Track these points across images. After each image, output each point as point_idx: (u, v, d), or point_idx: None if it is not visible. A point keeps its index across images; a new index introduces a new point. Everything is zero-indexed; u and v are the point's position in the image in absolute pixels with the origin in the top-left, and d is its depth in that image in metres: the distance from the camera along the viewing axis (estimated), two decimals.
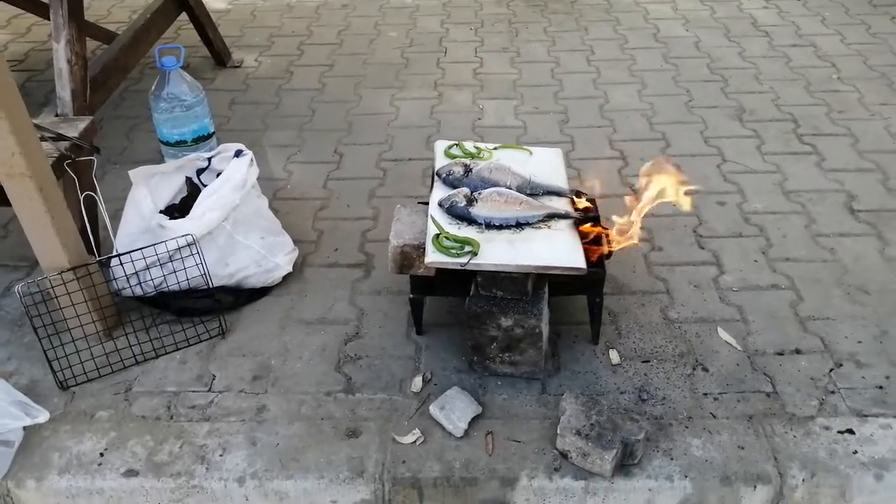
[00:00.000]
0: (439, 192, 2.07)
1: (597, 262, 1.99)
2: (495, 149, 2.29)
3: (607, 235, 2.05)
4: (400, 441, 1.88)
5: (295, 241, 2.57)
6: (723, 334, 2.15)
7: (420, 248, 1.90)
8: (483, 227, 1.93)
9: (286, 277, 2.40)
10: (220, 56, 3.82)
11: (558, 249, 1.86)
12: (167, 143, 2.92)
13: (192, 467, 1.85)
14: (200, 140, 2.93)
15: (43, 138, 2.07)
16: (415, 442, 1.88)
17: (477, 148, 2.27)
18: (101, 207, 2.09)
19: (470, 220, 1.94)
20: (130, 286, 2.22)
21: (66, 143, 2.08)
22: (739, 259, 2.45)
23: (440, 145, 2.29)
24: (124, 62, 2.84)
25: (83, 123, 2.17)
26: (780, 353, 2.09)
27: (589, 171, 2.92)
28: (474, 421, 1.92)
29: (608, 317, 2.23)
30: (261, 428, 1.94)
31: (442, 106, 3.44)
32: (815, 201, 2.72)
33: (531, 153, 2.28)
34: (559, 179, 2.14)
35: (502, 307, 1.89)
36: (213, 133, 3.01)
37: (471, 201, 1.95)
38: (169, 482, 1.83)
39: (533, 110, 3.39)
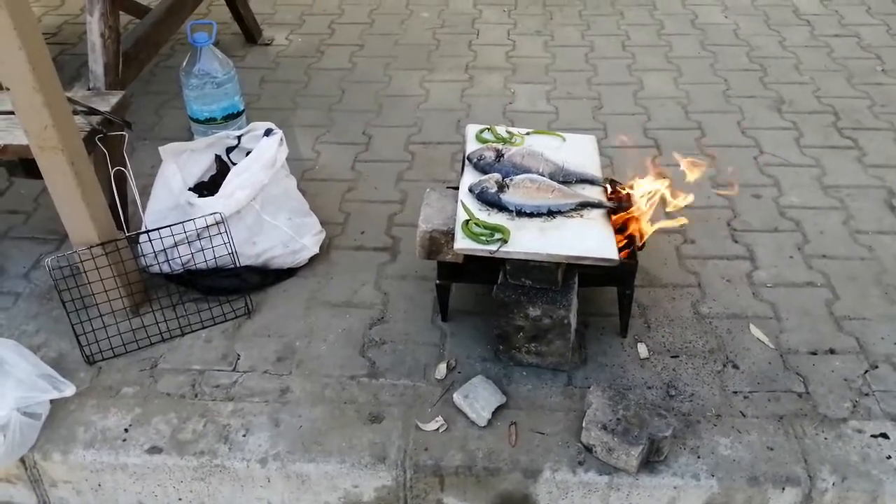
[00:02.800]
0: (470, 177, 2.03)
1: (629, 253, 1.95)
2: (528, 134, 2.25)
3: (639, 226, 2.01)
4: (423, 428, 1.87)
5: (324, 223, 2.55)
6: (755, 331, 2.10)
7: (449, 234, 1.88)
8: (514, 214, 1.90)
9: (312, 259, 2.39)
10: (250, 33, 3.80)
11: (590, 239, 1.82)
12: (197, 120, 2.92)
13: (216, 446, 1.86)
14: (230, 118, 2.93)
15: (75, 112, 2.07)
16: (438, 429, 1.87)
17: (509, 133, 2.23)
18: (132, 183, 2.09)
19: (500, 207, 1.91)
20: (158, 263, 2.22)
21: (97, 118, 2.08)
22: (774, 254, 2.39)
23: (471, 129, 2.26)
24: (156, 37, 2.83)
25: (115, 98, 2.17)
26: (814, 353, 2.04)
27: (621, 161, 2.86)
28: (498, 411, 1.90)
29: (637, 309, 2.19)
30: (284, 409, 1.94)
31: (473, 89, 3.39)
32: (854, 197, 2.64)
33: (564, 139, 2.23)
34: (592, 167, 2.09)
35: (531, 297, 1.86)
36: (243, 111, 3.01)
37: (502, 187, 1.92)
38: (192, 460, 1.84)
39: (565, 95, 3.33)
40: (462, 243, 1.79)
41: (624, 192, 2.01)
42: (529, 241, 1.80)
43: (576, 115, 3.18)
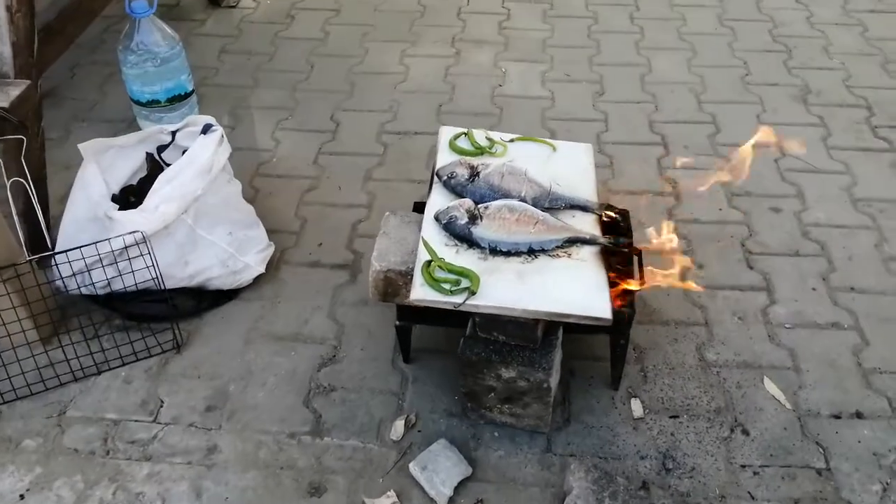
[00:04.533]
0: (438, 199, 1.69)
1: (625, 299, 1.62)
2: (511, 141, 1.89)
3: (640, 263, 1.67)
4: None
5: (274, 231, 2.21)
6: (769, 386, 1.79)
7: (407, 276, 1.54)
8: (487, 251, 1.55)
9: (259, 278, 2.06)
10: None
11: (578, 289, 1.49)
12: (138, 103, 2.55)
13: None
14: (176, 100, 2.55)
15: None
16: None
17: (489, 140, 1.87)
18: (33, 196, 1.74)
19: (471, 242, 1.57)
20: (77, 285, 1.89)
21: None
22: (795, 285, 2.05)
23: (445, 133, 1.90)
24: (90, 5, 2.43)
25: (17, 90, 1.80)
26: (837, 417, 1.73)
27: (623, 160, 2.50)
28: (462, 484, 1.60)
29: (633, 353, 1.87)
30: (209, 474, 1.64)
31: (458, 67, 3.00)
32: (888, 214, 2.29)
33: (555, 148, 1.88)
34: (586, 188, 1.75)
35: (504, 355, 1.54)
36: (193, 92, 2.63)
37: (474, 217, 1.58)
38: None
39: (563, 78, 2.94)
40: (420, 292, 1.46)
41: (622, 222, 1.66)
42: (503, 290, 1.47)
43: (574, 103, 2.80)
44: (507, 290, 1.47)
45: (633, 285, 1.56)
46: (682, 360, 1.86)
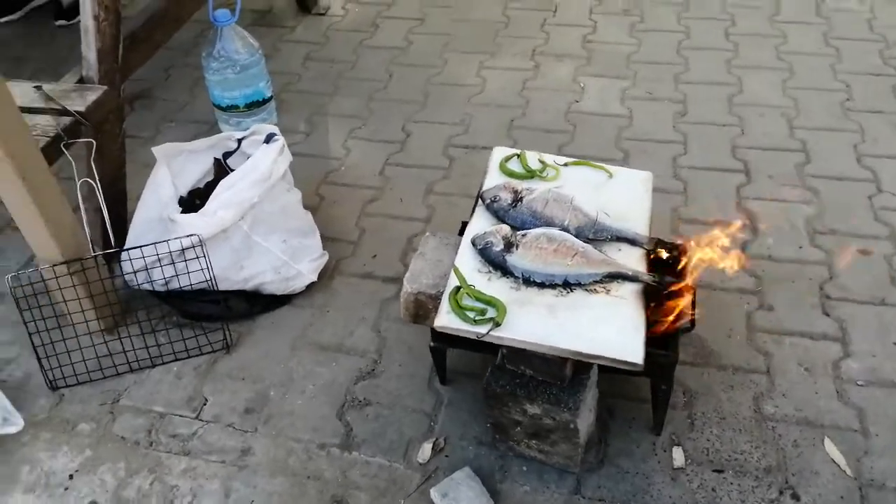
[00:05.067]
0: (479, 222, 1.65)
1: (667, 340, 1.53)
2: (566, 165, 1.83)
3: (693, 303, 1.57)
4: None
5: (333, 240, 2.25)
6: (830, 448, 1.64)
7: (437, 299, 1.52)
8: (520, 281, 1.51)
9: (312, 285, 2.10)
10: (303, 1, 3.48)
11: (611, 329, 1.41)
12: (218, 107, 2.65)
13: None
14: (254, 106, 2.64)
15: (43, 111, 1.84)
16: None
17: (542, 163, 1.81)
18: (99, 196, 1.85)
19: (505, 270, 1.53)
20: (141, 281, 1.99)
21: (68, 119, 1.84)
22: (875, 338, 1.87)
23: (497, 154, 1.86)
24: (177, 13, 2.56)
25: (94, 95, 1.91)
26: None
27: (698, 186, 2.37)
28: None
29: (682, 397, 1.77)
30: (240, 475, 1.68)
31: (536, 81, 2.94)
32: None
33: (611, 175, 1.80)
34: (638, 220, 1.66)
35: (530, 390, 1.48)
36: (271, 98, 2.71)
37: (510, 245, 1.53)
38: None
39: (645, 96, 2.83)
40: (444, 319, 1.43)
41: (672, 260, 1.57)
42: (531, 324, 1.42)
43: (652, 123, 2.68)
44: (536, 324, 1.42)
45: (669, 323, 1.47)
46: (735, 410, 1.74)
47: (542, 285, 1.50)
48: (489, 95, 2.88)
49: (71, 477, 1.71)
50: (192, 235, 1.86)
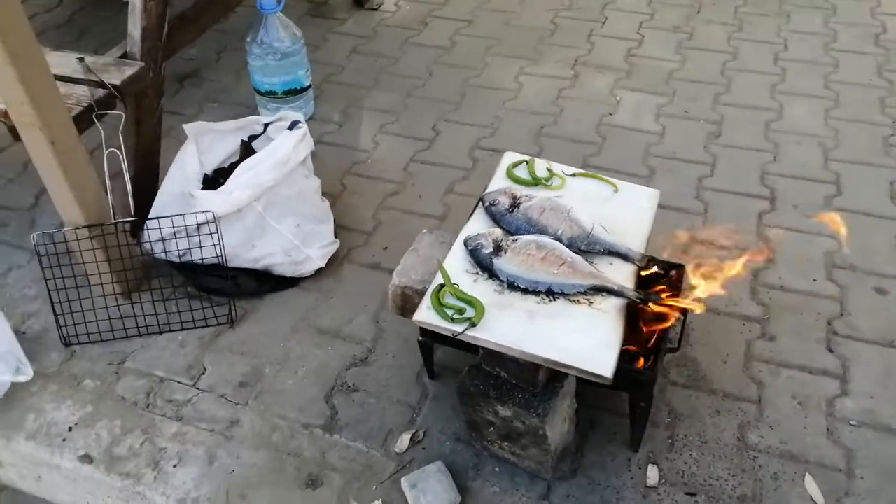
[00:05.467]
0: (475, 225, 1.68)
1: (647, 357, 1.52)
2: (573, 175, 1.83)
3: (683, 323, 1.56)
4: None
5: (349, 229, 2.31)
6: (810, 486, 1.60)
7: (423, 294, 1.55)
8: (505, 285, 1.53)
9: (321, 270, 2.16)
10: None
11: (586, 340, 1.42)
12: (258, 91, 2.75)
13: (143, 471, 1.71)
14: (292, 93, 2.73)
15: (79, 81, 1.95)
16: None
17: (549, 171, 1.83)
18: (125, 167, 1.95)
19: (492, 273, 1.55)
20: (156, 251, 2.09)
21: (104, 91, 1.95)
22: (877, 379, 1.82)
23: (507, 159, 1.88)
24: None
25: (131, 70, 2.01)
26: None
27: (719, 209, 2.34)
28: None
29: (666, 417, 1.75)
30: (226, 445, 1.75)
31: (572, 90, 2.94)
32: None
33: (617, 189, 1.80)
34: (635, 236, 1.66)
35: (502, 393, 1.50)
36: (309, 87, 2.79)
37: (499, 249, 1.55)
38: (117, 480, 1.71)
39: (681, 113, 2.79)
40: (423, 314, 1.47)
41: (661, 278, 1.56)
42: (507, 327, 1.44)
43: (683, 142, 2.65)
44: (512, 328, 1.43)
45: (648, 342, 1.46)
46: (718, 436, 1.71)
47: (525, 291, 1.51)
48: (523, 101, 2.89)
49: (70, 429, 1.81)
50: (206, 212, 1.94)
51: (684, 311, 1.61)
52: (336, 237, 2.22)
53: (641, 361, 1.52)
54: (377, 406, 1.81)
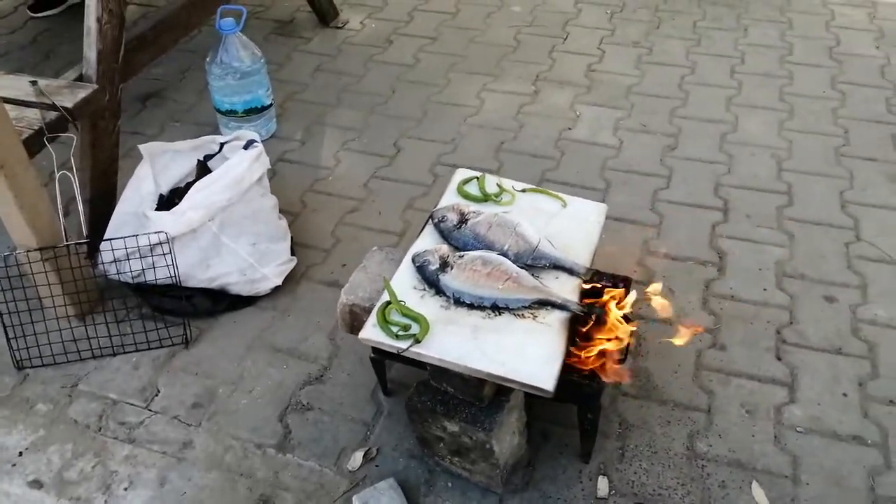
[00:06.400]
0: (424, 241, 1.70)
1: (592, 371, 1.54)
2: (523, 191, 1.86)
3: (628, 336, 1.58)
4: None
5: (307, 246, 2.32)
6: (756, 492, 1.63)
7: (370, 312, 1.56)
8: (451, 301, 1.54)
9: (278, 288, 2.16)
10: (322, 14, 3.59)
11: (529, 354, 1.43)
12: (219, 111, 2.76)
13: (94, 495, 1.70)
14: (253, 112, 2.74)
15: (30, 105, 1.95)
16: None
17: (499, 187, 1.85)
18: (76, 189, 1.95)
19: (439, 289, 1.56)
20: (111, 272, 2.08)
21: (55, 114, 1.95)
22: (824, 386, 1.85)
23: (458, 175, 1.90)
24: (187, 20, 2.68)
25: (84, 92, 2.02)
26: None
27: (674, 221, 2.37)
28: None
29: (617, 428, 1.77)
30: (177, 467, 1.74)
31: (533, 106, 2.98)
32: None
33: (565, 204, 1.82)
34: (580, 250, 1.68)
35: (449, 408, 1.51)
36: (270, 106, 2.81)
37: (445, 265, 1.57)
38: None
39: (638, 127, 2.84)
40: (369, 332, 1.48)
41: (605, 293, 1.58)
42: (451, 343, 1.45)
43: (640, 155, 2.69)
44: (456, 343, 1.45)
45: (592, 355, 1.48)
46: (668, 446, 1.73)
47: (471, 306, 1.53)
48: (484, 117, 2.93)
49: (20, 454, 1.79)
50: (160, 232, 1.94)
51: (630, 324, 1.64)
52: (294, 255, 2.23)
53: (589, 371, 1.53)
54: (331, 424, 1.81)
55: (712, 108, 2.93)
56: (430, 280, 1.57)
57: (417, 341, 1.44)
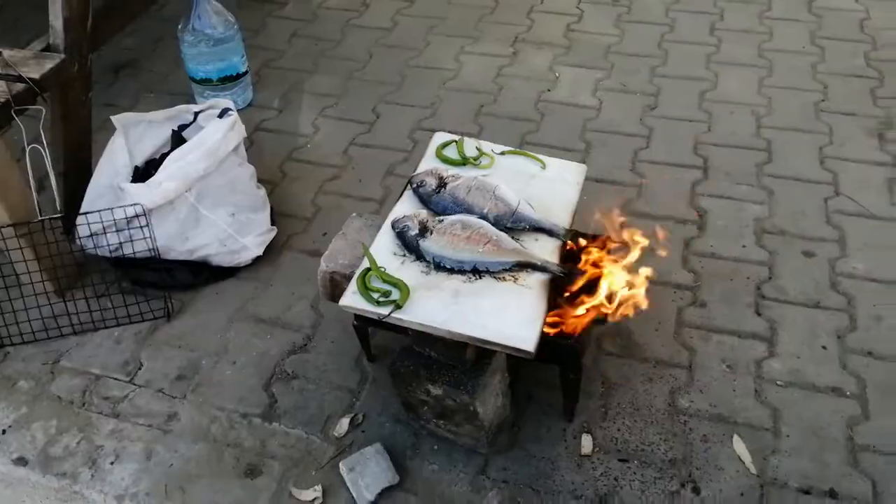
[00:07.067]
0: (403, 207, 1.68)
1: (574, 330, 1.54)
2: (502, 154, 1.84)
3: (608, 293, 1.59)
4: (296, 496, 1.62)
5: (288, 216, 2.30)
6: (738, 446, 1.65)
7: (350, 279, 1.55)
8: (431, 265, 1.54)
9: (259, 259, 2.15)
10: None
11: (509, 316, 1.44)
12: (193, 80, 2.71)
13: (80, 470, 1.70)
14: (228, 80, 2.69)
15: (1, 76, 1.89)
16: (312, 502, 1.61)
17: (478, 150, 1.83)
18: (48, 162, 1.90)
19: (419, 255, 1.56)
20: (89, 247, 2.06)
21: (22, 86, 1.90)
22: (802, 340, 1.88)
23: (437, 139, 1.88)
24: None
25: (51, 63, 1.96)
26: (806, 492, 1.57)
27: (654, 181, 2.37)
28: (387, 492, 1.60)
29: (600, 387, 1.79)
30: (163, 440, 1.75)
31: (512, 68, 2.94)
32: None
33: (544, 166, 1.81)
34: (560, 212, 1.67)
35: (432, 372, 1.52)
36: (246, 73, 2.76)
37: (425, 230, 1.56)
38: (53, 481, 1.69)
39: (618, 87, 2.82)
40: (349, 299, 1.47)
41: (583, 254, 1.58)
42: (433, 308, 1.45)
43: (619, 115, 2.67)
44: (438, 308, 1.45)
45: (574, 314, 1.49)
46: (650, 402, 1.76)
47: (451, 271, 1.52)
48: (463, 80, 2.89)
49: (3, 432, 1.78)
50: (136, 205, 1.92)
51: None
52: (274, 224, 2.21)
53: (559, 329, 1.53)
54: (316, 392, 1.82)
55: (692, 65, 2.91)
56: (410, 245, 1.56)
57: (398, 307, 1.43)
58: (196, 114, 2.19)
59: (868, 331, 1.88)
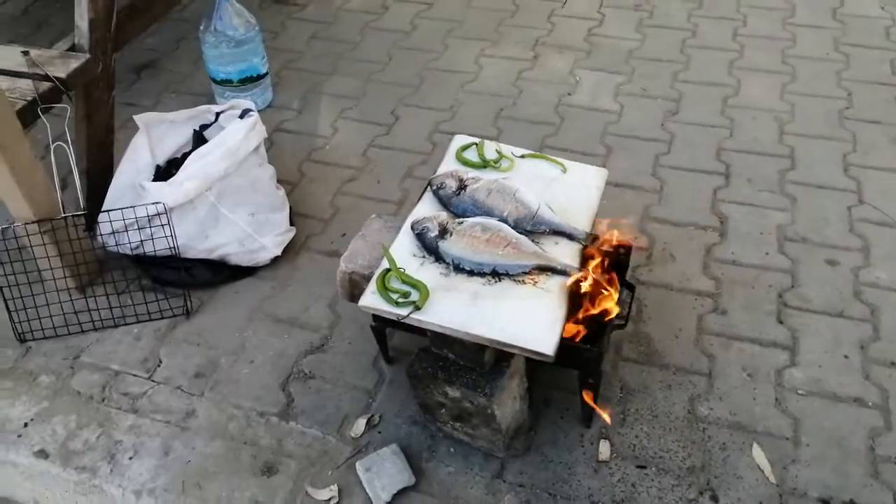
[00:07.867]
0: (423, 208, 1.68)
1: (593, 334, 1.54)
2: (522, 157, 1.84)
3: (631, 301, 1.58)
4: (312, 495, 1.62)
5: (306, 216, 2.31)
6: (757, 454, 1.63)
7: (370, 279, 1.55)
8: (451, 267, 1.53)
9: (278, 258, 2.16)
10: None
11: (529, 319, 1.43)
12: (214, 80, 2.73)
13: (99, 464, 1.71)
14: (248, 81, 2.70)
15: (22, 75, 1.92)
16: (328, 501, 1.61)
17: (499, 153, 1.83)
18: (72, 160, 1.92)
19: (438, 256, 1.55)
20: (110, 244, 2.08)
21: (49, 85, 1.92)
22: (825, 349, 1.85)
23: (457, 142, 1.88)
24: None
25: (76, 62, 1.99)
26: (826, 502, 1.55)
27: (675, 186, 2.35)
28: (403, 493, 1.60)
29: (619, 392, 1.78)
30: (181, 436, 1.76)
31: (532, 72, 2.94)
32: None
33: (565, 170, 1.80)
34: (581, 215, 1.67)
35: (450, 374, 1.52)
36: (266, 74, 2.77)
37: (444, 232, 1.56)
38: (73, 474, 1.71)
39: (639, 92, 2.80)
40: (369, 299, 1.47)
41: (601, 256, 1.57)
42: (452, 310, 1.45)
43: (640, 120, 2.66)
44: (457, 310, 1.44)
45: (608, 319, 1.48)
46: (669, 409, 1.74)
47: (470, 273, 1.52)
48: (483, 84, 2.89)
49: (25, 425, 1.80)
50: (157, 203, 1.93)
51: (632, 288, 1.64)
52: (293, 225, 2.22)
53: (579, 334, 1.52)
54: (333, 392, 1.82)
55: (714, 71, 2.89)
56: (430, 247, 1.56)
57: (417, 308, 1.43)
58: (218, 114, 2.20)
59: (891, 341, 1.86)
